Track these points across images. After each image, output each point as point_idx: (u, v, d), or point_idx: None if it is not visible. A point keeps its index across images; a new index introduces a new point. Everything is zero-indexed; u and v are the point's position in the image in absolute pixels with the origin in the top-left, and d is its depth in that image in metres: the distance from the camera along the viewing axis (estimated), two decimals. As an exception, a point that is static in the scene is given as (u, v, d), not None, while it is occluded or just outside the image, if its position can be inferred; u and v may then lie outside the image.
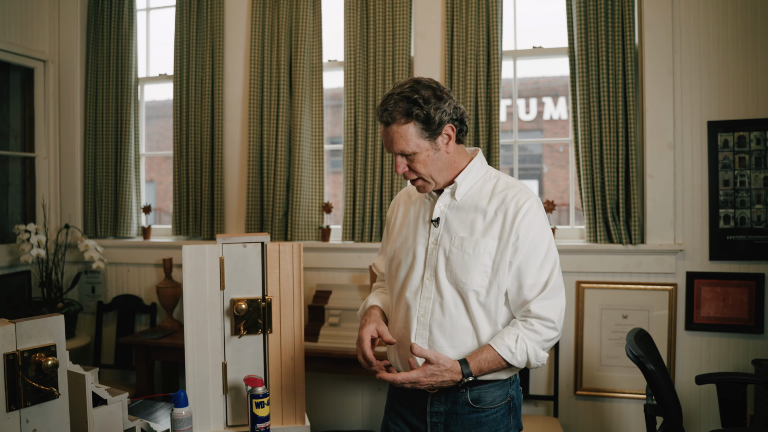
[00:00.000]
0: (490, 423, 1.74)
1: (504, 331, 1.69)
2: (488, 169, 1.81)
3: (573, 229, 3.46)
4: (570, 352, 3.30)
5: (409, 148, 1.66)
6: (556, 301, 1.68)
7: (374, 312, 1.84)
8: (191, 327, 1.89)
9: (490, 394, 1.74)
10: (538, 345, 1.67)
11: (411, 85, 1.66)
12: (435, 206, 1.77)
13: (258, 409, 1.79)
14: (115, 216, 3.96)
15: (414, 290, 1.75)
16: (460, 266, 1.69)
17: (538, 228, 1.69)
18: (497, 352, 1.65)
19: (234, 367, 1.93)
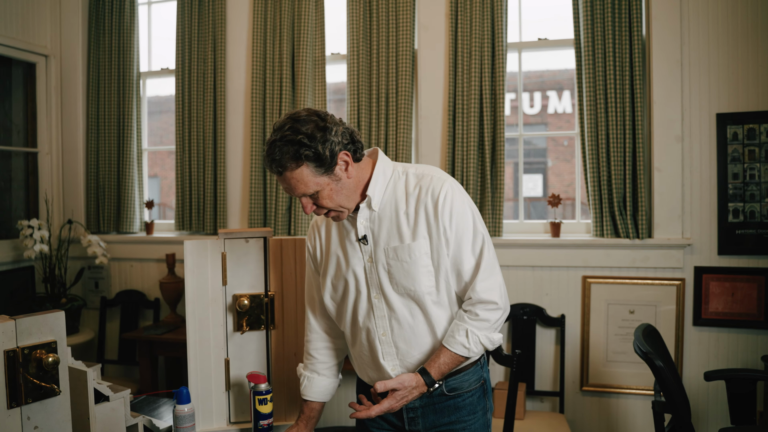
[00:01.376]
0: (468, 406, 1.75)
1: (453, 327, 1.69)
2: (393, 167, 1.75)
3: (579, 223, 3.43)
4: (576, 348, 3.28)
5: (309, 189, 1.58)
6: (493, 279, 1.67)
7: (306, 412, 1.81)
8: (193, 323, 1.87)
9: (465, 381, 1.75)
10: (488, 331, 1.67)
11: (290, 125, 1.55)
12: (357, 224, 1.70)
13: (261, 405, 1.78)
14: (118, 211, 3.95)
15: (365, 313, 1.72)
16: (404, 275, 1.66)
17: (459, 211, 1.66)
18: (453, 352, 1.66)
19: (237, 364, 1.92)
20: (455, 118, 3.33)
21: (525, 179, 3.53)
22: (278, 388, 1.94)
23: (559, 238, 3.28)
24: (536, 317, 3.28)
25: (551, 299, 3.30)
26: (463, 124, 3.30)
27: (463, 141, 3.30)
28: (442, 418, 1.74)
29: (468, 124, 3.29)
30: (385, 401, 1.61)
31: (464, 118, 3.30)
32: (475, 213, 1.70)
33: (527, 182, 10.81)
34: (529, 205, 10.11)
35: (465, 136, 3.30)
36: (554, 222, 3.32)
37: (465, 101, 3.30)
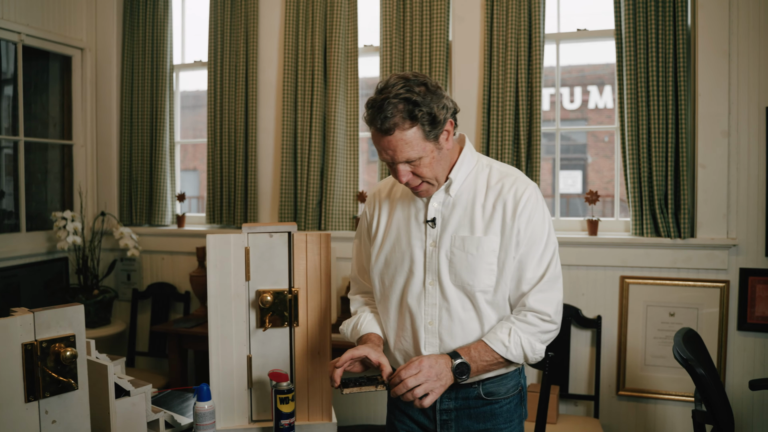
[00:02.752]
0: (505, 414, 1.69)
1: (497, 326, 1.62)
2: (479, 158, 1.70)
3: (618, 221, 3.31)
4: (613, 351, 3.17)
5: (414, 154, 1.51)
6: (553, 293, 1.61)
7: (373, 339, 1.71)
8: (215, 318, 1.84)
9: (503, 386, 1.69)
10: (533, 337, 1.59)
11: (403, 84, 1.49)
12: (429, 205, 1.66)
13: (282, 404, 1.74)
14: (150, 204, 3.97)
15: (416, 297, 1.66)
16: (465, 268, 1.60)
17: (538, 219, 1.61)
18: (490, 346, 1.58)
19: (259, 361, 1.88)
20: (490, 111, 3.25)
21: (563, 175, 3.42)
22: (301, 387, 1.89)
23: (596, 237, 3.17)
24: (571, 318, 3.18)
25: (587, 300, 3.19)
26: (498, 117, 3.21)
27: (498, 135, 3.21)
28: (476, 424, 1.68)
29: (503, 117, 3.20)
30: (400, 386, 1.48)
31: (499, 112, 3.21)
32: (551, 225, 1.65)
33: (566, 179, 10.63)
34: (567, 202, 9.93)
35: (500, 130, 3.21)
36: (591, 219, 3.21)
37: (500, 94, 3.21)
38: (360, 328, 1.75)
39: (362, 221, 1.84)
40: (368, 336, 1.71)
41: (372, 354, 1.56)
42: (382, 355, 1.58)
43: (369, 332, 1.73)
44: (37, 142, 3.94)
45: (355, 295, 1.88)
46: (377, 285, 1.74)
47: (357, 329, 1.76)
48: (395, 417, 1.80)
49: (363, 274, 1.85)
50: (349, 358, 1.54)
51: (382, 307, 1.74)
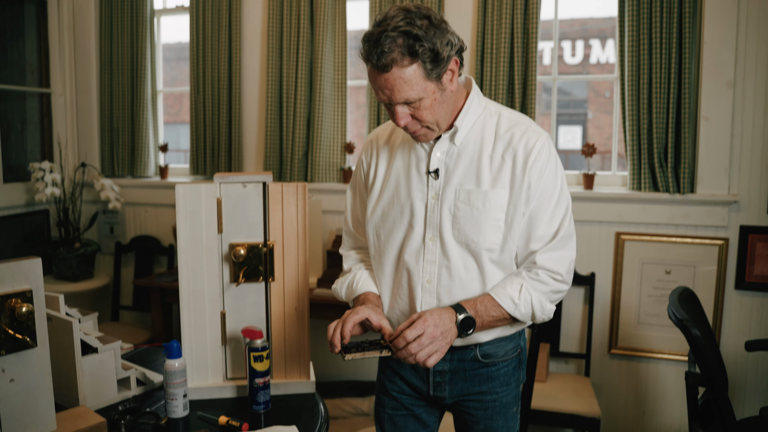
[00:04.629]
0: (502, 377, 1.61)
1: (506, 280, 1.52)
2: (486, 104, 1.57)
3: (615, 175, 3.21)
4: (606, 309, 3.11)
5: (413, 94, 1.38)
6: (565, 252, 1.51)
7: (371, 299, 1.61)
8: (186, 273, 1.75)
9: (502, 348, 1.60)
10: (544, 296, 1.51)
11: (404, 16, 1.35)
12: (432, 154, 1.54)
13: (256, 363, 1.67)
14: (132, 155, 3.85)
15: (415, 253, 1.55)
16: (470, 223, 1.49)
17: (551, 172, 1.49)
18: (497, 302, 1.49)
19: (233, 317, 1.80)
20: (483, 58, 3.10)
21: (563, 131, 3.31)
22: (277, 344, 1.82)
23: (592, 191, 3.07)
24: (564, 275, 3.10)
25: (581, 256, 3.11)
26: (491, 65, 3.08)
27: (491, 83, 3.08)
28: (472, 387, 1.61)
29: (497, 66, 3.06)
30: (403, 350, 1.40)
31: (493, 60, 3.07)
32: (564, 179, 1.53)
33: (565, 134, 10.51)
34: (566, 157, 9.80)
35: (493, 78, 3.07)
36: (587, 173, 3.11)
37: (495, 41, 3.06)
38: (356, 287, 1.65)
39: (357, 170, 1.71)
40: (366, 296, 1.62)
41: (373, 316, 1.47)
42: (383, 317, 1.49)
43: (366, 291, 1.63)
44: (15, 90, 3.80)
45: (348, 251, 1.77)
46: (372, 239, 1.63)
47: (352, 288, 1.66)
48: (386, 377, 1.72)
49: (358, 227, 1.74)
50: (352, 325, 1.45)
51: (377, 263, 1.64)
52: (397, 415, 1.71)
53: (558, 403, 2.70)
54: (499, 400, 1.61)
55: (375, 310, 1.50)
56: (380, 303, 1.61)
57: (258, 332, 1.69)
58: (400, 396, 1.69)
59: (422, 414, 1.70)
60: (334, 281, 1.74)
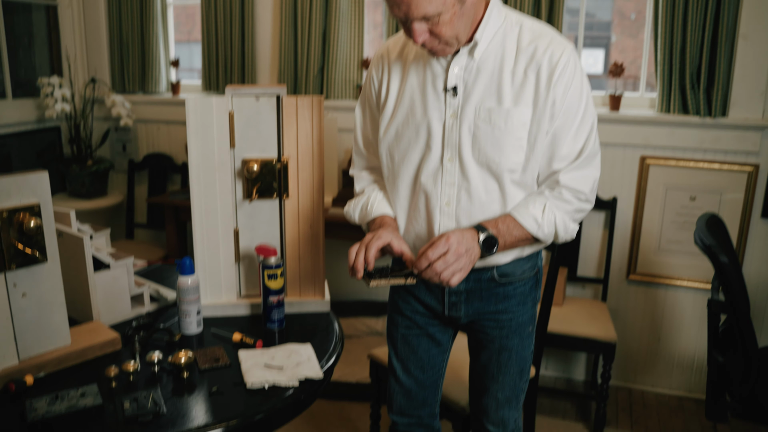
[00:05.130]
0: (518, 296, 1.58)
1: (527, 199, 1.46)
2: (507, 14, 1.45)
3: (642, 97, 3.07)
4: (626, 234, 3.05)
5: (431, 9, 1.28)
6: (589, 171, 1.44)
7: (388, 222, 1.55)
8: (198, 189, 1.70)
9: (519, 267, 1.56)
10: (567, 216, 1.45)
11: None
12: (449, 70, 1.44)
13: (270, 281, 1.64)
14: (143, 70, 3.74)
15: (432, 175, 1.48)
16: (491, 143, 1.41)
17: (577, 87, 1.40)
18: (520, 223, 1.43)
19: (247, 235, 1.77)
20: (510, -30, 2.92)
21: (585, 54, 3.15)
22: (291, 262, 1.79)
23: (618, 113, 2.95)
24: (585, 199, 3.03)
25: (603, 180, 3.02)
26: (518, -23, 2.90)
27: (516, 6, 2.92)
28: (488, 306, 1.58)
29: (524, -23, 2.88)
30: (428, 270, 1.35)
31: (520, -29, 2.89)
32: (590, 95, 1.44)
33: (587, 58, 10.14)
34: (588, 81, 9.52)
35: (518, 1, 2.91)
36: (614, 95, 2.98)
37: (523, -50, 2.87)
38: (370, 209, 1.59)
39: (367, 87, 1.62)
40: (382, 219, 1.55)
41: (394, 241, 1.42)
42: (404, 243, 1.44)
43: (382, 214, 1.57)
44: (20, 2, 3.66)
45: (360, 171, 1.70)
46: (386, 161, 1.56)
47: (366, 211, 1.60)
48: (399, 296, 1.70)
49: (369, 146, 1.66)
50: (377, 251, 1.39)
51: (391, 185, 1.57)
52: (410, 335, 1.69)
53: (574, 327, 2.69)
54: (515, 319, 1.59)
55: (395, 234, 1.45)
56: (397, 226, 1.56)
57: (272, 250, 1.66)
58: (414, 315, 1.67)
59: (436, 333, 1.68)
60: (347, 203, 1.67)
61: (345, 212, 1.67)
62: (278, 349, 1.54)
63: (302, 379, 1.41)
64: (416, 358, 1.71)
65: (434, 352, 1.71)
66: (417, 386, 1.73)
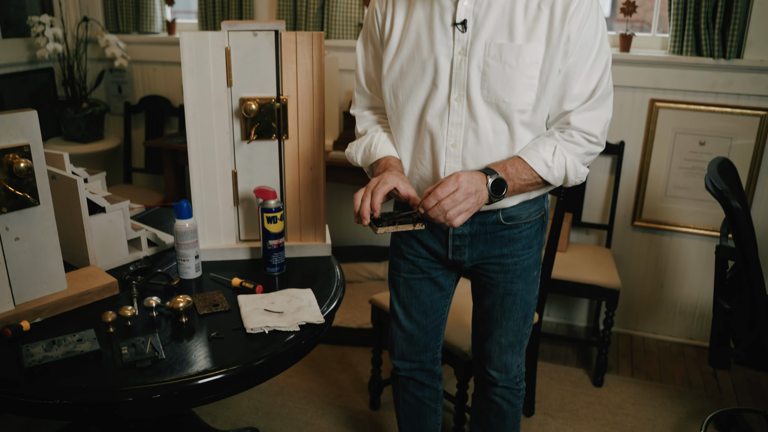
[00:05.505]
0: (524, 239, 1.55)
1: (537, 142, 1.42)
2: None
3: (654, 37, 2.97)
4: (632, 180, 2.99)
5: None
6: (601, 112, 1.40)
7: (393, 164, 1.49)
8: (195, 130, 1.65)
9: (525, 210, 1.52)
10: (578, 158, 1.41)
11: None
12: (459, 4, 1.37)
13: (270, 224, 1.61)
14: (137, 8, 3.61)
15: (438, 115, 1.43)
16: (501, 82, 1.35)
17: (592, 23, 1.34)
18: (529, 165, 1.39)
19: (245, 177, 1.72)
20: None
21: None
22: (291, 205, 1.75)
23: (628, 54, 2.86)
24: (591, 144, 2.96)
25: (611, 123, 2.94)
26: None
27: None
28: (492, 250, 1.55)
29: None
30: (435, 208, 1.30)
31: None
32: (605, 32, 1.38)
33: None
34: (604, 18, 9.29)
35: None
36: (625, 34, 2.88)
37: None
38: (374, 151, 1.54)
39: (370, 21, 1.55)
40: (387, 161, 1.50)
41: (401, 185, 1.37)
42: (410, 187, 1.39)
43: (387, 156, 1.52)
44: (5, -67, 3.51)
45: (362, 111, 1.65)
46: (389, 100, 1.51)
47: (369, 153, 1.55)
48: (401, 240, 1.66)
49: (371, 85, 1.60)
50: (383, 196, 1.34)
51: (395, 125, 1.53)
52: (412, 279, 1.67)
53: (578, 273, 2.67)
54: (520, 263, 1.57)
55: (402, 177, 1.39)
56: (403, 169, 1.51)
57: (271, 192, 1.62)
58: (417, 259, 1.64)
59: (439, 277, 1.67)
60: (348, 144, 1.62)
61: (347, 154, 1.62)
62: (278, 294, 1.52)
63: (303, 324, 1.39)
64: (418, 303, 1.69)
65: (437, 296, 1.69)
66: (419, 331, 1.72)
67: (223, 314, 1.44)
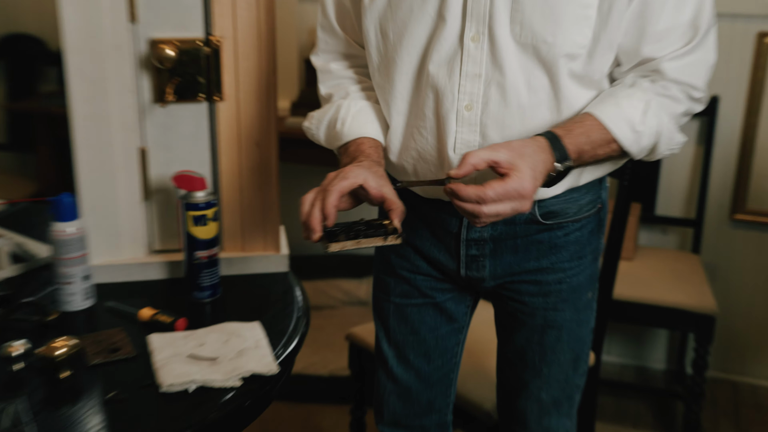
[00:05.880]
0: (572, 245, 1.54)
1: (617, 93, 1.41)
2: None
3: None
4: (730, 152, 3.04)
5: None
6: (703, 54, 1.40)
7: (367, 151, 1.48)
8: (81, 87, 1.65)
9: (574, 202, 1.51)
10: (674, 121, 1.41)
11: None
12: None
13: (197, 227, 1.62)
14: None
15: (446, 61, 1.41)
16: (541, 12, 1.34)
17: None
18: (607, 127, 1.36)
19: (160, 157, 1.74)
20: None
21: None
22: (229, 200, 1.77)
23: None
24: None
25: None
26: None
27: None
28: (525, 262, 1.54)
29: None
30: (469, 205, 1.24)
31: None
32: None
33: None
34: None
35: None
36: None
37: None
38: (342, 128, 1.53)
39: None
40: (359, 146, 1.50)
41: (370, 181, 1.35)
42: (386, 183, 1.37)
43: (360, 137, 1.52)
44: None
45: (329, 62, 1.65)
46: (374, 40, 1.50)
47: (336, 130, 1.54)
48: (390, 248, 1.67)
49: (344, 18, 1.60)
50: (338, 197, 1.32)
51: (383, 78, 1.52)
52: (408, 306, 1.68)
53: (652, 292, 2.70)
54: (566, 281, 1.57)
55: (373, 170, 1.38)
56: (382, 154, 1.51)
57: (198, 180, 1.63)
58: (414, 277, 1.65)
59: (447, 303, 1.67)
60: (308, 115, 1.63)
61: (305, 129, 1.62)
62: (210, 331, 1.52)
63: (247, 376, 1.39)
64: (418, 341, 1.69)
65: (444, 331, 1.69)
66: (419, 383, 1.73)
67: (126, 363, 1.43)
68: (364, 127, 1.52)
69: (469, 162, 1.24)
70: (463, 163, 1.25)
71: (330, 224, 1.31)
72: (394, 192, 1.37)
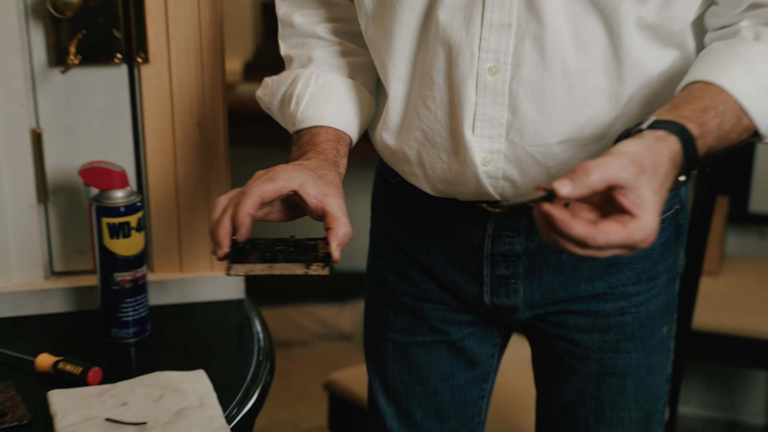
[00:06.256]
0: (639, 262, 1.53)
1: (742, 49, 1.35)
2: None
3: None
4: None
5: None
6: None
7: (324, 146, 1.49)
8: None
9: None
10: None
11: None
12: None
13: (115, 239, 1.61)
14: None
15: (462, 7, 1.40)
16: None
17: None
18: (745, 108, 1.29)
19: (62, 143, 1.74)
20: None
21: None
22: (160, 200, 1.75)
23: None
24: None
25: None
26: None
27: None
28: (574, 285, 1.53)
29: None
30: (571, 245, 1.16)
31: None
32: None
33: None
34: None
35: None
36: None
37: None
38: (297, 109, 1.54)
39: None
40: (314, 135, 1.53)
41: (310, 187, 1.34)
42: (333, 192, 1.36)
43: (318, 125, 1.53)
44: None
45: (292, 12, 1.64)
46: None
47: (291, 111, 1.56)
48: (388, 265, 1.68)
49: None
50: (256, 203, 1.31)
51: (377, 31, 1.52)
52: (413, 344, 1.68)
53: (743, 319, 2.69)
54: (632, 311, 1.56)
55: (319, 173, 1.38)
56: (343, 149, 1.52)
57: (117, 174, 1.62)
58: (421, 305, 1.65)
59: (466, 341, 1.67)
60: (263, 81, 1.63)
61: (258, 99, 1.62)
62: (136, 384, 1.50)
63: (188, 449, 1.37)
64: (426, 394, 1.69)
65: (462, 380, 1.69)
66: (430, 452, 1.73)
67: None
68: (322, 111, 1.53)
69: (592, 179, 1.08)
70: (579, 177, 1.08)
71: (241, 239, 1.31)
72: (340, 205, 1.36)
